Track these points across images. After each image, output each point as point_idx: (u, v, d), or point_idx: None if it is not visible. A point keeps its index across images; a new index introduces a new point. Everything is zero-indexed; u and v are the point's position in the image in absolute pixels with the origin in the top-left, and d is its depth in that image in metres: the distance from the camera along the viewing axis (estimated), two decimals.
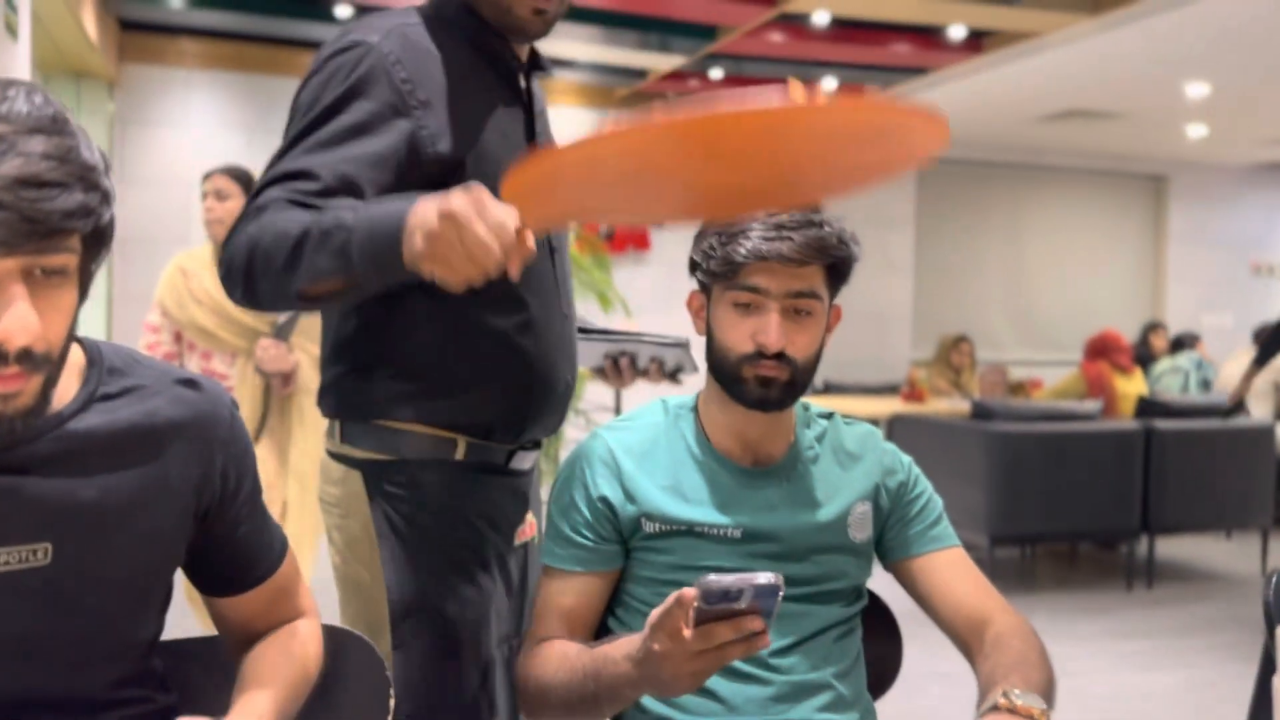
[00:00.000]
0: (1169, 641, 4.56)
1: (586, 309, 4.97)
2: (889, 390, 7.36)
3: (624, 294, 5.42)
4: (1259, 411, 6.77)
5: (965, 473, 5.20)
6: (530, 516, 1.66)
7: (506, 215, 1.16)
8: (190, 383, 1.18)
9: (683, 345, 1.80)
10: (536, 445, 1.67)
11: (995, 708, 1.26)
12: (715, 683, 1.45)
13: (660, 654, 1.19)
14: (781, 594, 1.16)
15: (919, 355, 8.44)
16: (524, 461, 1.62)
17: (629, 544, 1.50)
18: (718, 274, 1.45)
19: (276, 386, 3.36)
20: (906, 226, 8.95)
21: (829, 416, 1.63)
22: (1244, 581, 5.65)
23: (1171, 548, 6.26)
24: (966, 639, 1.48)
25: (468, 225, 1.14)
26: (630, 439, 1.54)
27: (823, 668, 1.48)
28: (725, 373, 1.47)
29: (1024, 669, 1.34)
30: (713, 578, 1.11)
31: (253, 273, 1.31)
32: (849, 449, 1.59)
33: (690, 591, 1.13)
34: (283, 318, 3.34)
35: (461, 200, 1.15)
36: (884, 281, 8.80)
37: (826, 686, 1.48)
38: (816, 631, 1.50)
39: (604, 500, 1.49)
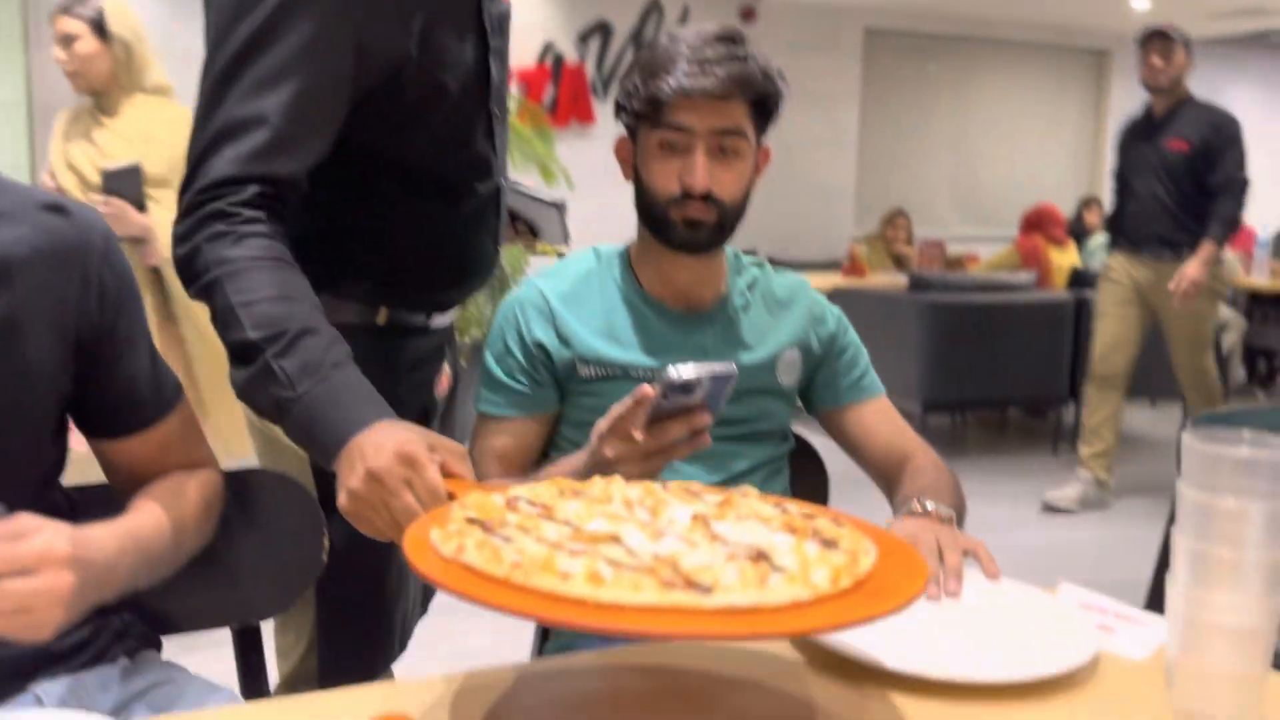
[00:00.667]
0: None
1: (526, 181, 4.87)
2: (831, 266, 7.40)
3: (567, 167, 5.32)
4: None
5: (901, 343, 5.31)
6: (446, 368, 1.66)
7: (439, 483, 1.10)
8: (57, 208, 1.13)
9: (558, 206, 1.79)
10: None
11: (910, 513, 1.37)
12: None
13: (611, 460, 1.21)
14: (733, 384, 1.21)
15: (862, 231, 8.47)
16: (443, 320, 1.62)
17: (564, 388, 1.52)
18: (642, 114, 1.44)
19: (140, 256, 2.84)
20: (850, 102, 8.86)
21: (760, 265, 1.65)
22: (1164, 445, 5.88)
23: None
24: (889, 477, 1.59)
25: (396, 494, 1.08)
26: (563, 285, 1.54)
27: None
28: (653, 216, 1.48)
29: (936, 490, 1.44)
30: (674, 370, 1.14)
31: (211, 312, 1.22)
32: (779, 297, 1.62)
33: (649, 389, 1.16)
34: (112, 165, 2.83)
35: (390, 462, 1.07)
36: (827, 157, 8.75)
37: None
38: (745, 470, 1.55)
39: (539, 345, 1.50)
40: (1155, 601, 2.34)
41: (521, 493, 1.00)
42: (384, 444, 1.08)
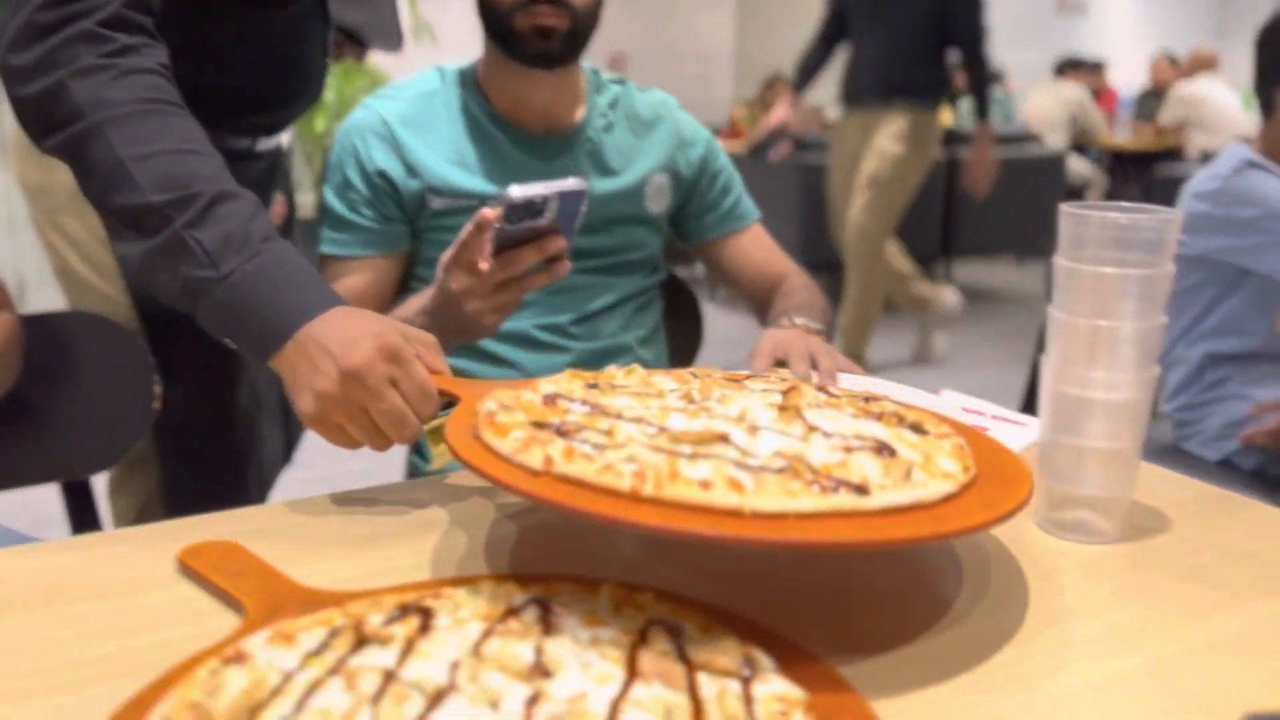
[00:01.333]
0: (965, 350, 4.90)
1: None
2: (712, 131, 7.30)
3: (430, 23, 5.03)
4: (1053, 142, 7.09)
5: (779, 205, 5.29)
6: (280, 195, 1.53)
7: (428, 380, 0.94)
8: None
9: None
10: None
11: (779, 327, 1.34)
12: (512, 353, 1.41)
13: (459, 293, 1.11)
14: (585, 204, 1.10)
15: (742, 95, 8.36)
16: (270, 143, 1.47)
17: (415, 224, 1.40)
18: None
19: None
20: None
21: (621, 82, 1.54)
22: (1032, 301, 6.07)
23: (967, 272, 6.64)
24: (762, 301, 1.55)
25: (380, 396, 0.91)
26: (404, 109, 1.40)
27: (622, 334, 1.47)
28: (498, 25, 1.35)
29: (808, 308, 1.42)
30: (515, 188, 1.01)
31: (79, 168, 0.99)
32: (643, 117, 1.52)
33: (490, 212, 1.03)
34: None
35: (372, 358, 0.90)
36: (706, 20, 8.55)
37: (626, 350, 1.47)
38: (616, 302, 1.47)
39: (382, 175, 1.37)
40: (1028, 408, 2.40)
41: (548, 388, 0.88)
42: (356, 338, 0.91)
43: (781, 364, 1.29)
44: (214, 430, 1.45)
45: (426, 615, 0.68)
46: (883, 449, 0.75)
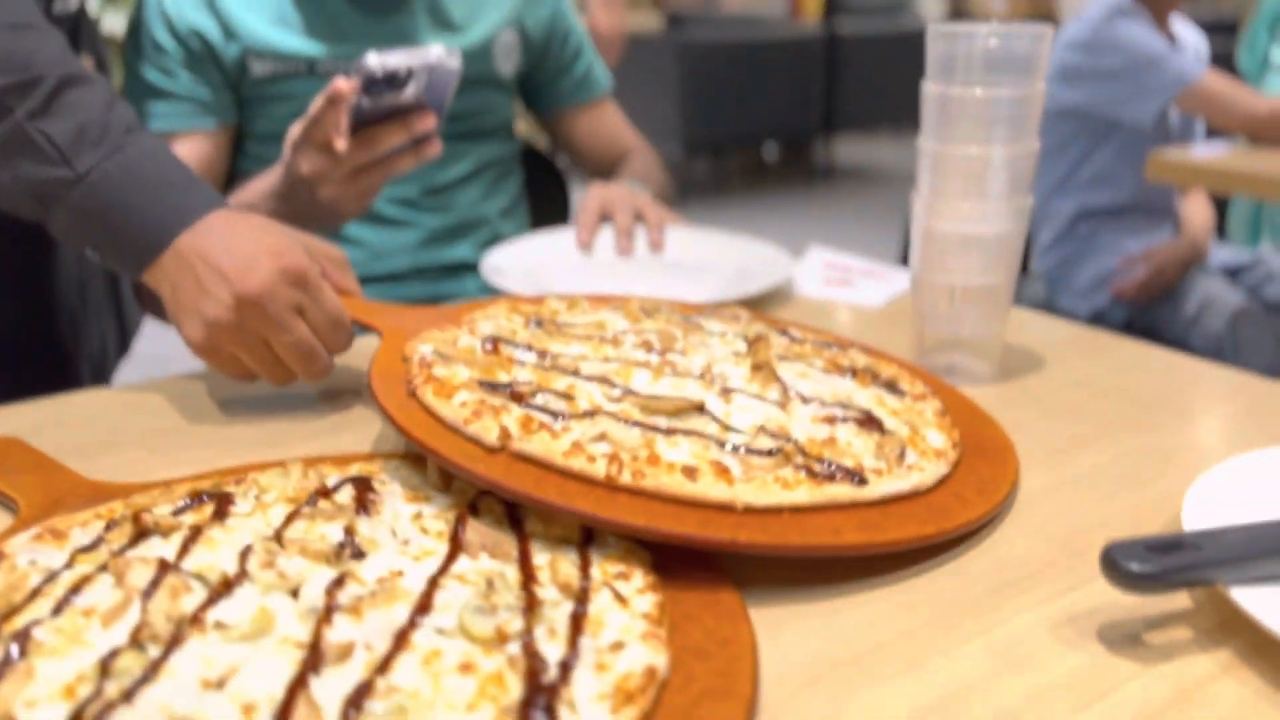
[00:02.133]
0: (846, 227, 4.91)
1: None
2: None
3: None
4: (930, 12, 7.05)
5: (659, 86, 5.15)
6: (88, 58, 1.36)
7: (339, 308, 0.80)
8: None
9: None
10: None
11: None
12: (357, 230, 1.30)
13: (311, 177, 0.98)
14: (458, 79, 0.99)
15: None
16: (68, 4, 1.30)
17: (239, 92, 1.26)
18: None
19: None
20: None
21: None
22: (910, 175, 6.12)
23: (849, 151, 6.64)
24: (605, 175, 1.49)
25: (285, 327, 0.77)
26: None
27: (479, 206, 1.38)
28: None
29: (646, 178, 1.39)
30: (374, 57, 0.89)
31: None
32: None
33: (345, 84, 0.91)
34: None
35: (274, 282, 0.76)
36: None
37: (484, 223, 1.38)
38: (470, 172, 1.37)
39: (197, 35, 1.22)
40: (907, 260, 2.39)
41: (486, 326, 0.77)
42: (253, 256, 0.77)
43: (607, 218, 1.24)
44: (33, 329, 1.31)
45: (223, 502, 0.60)
46: (869, 422, 0.68)
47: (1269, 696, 0.47)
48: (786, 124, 5.62)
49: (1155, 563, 0.49)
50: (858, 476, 0.61)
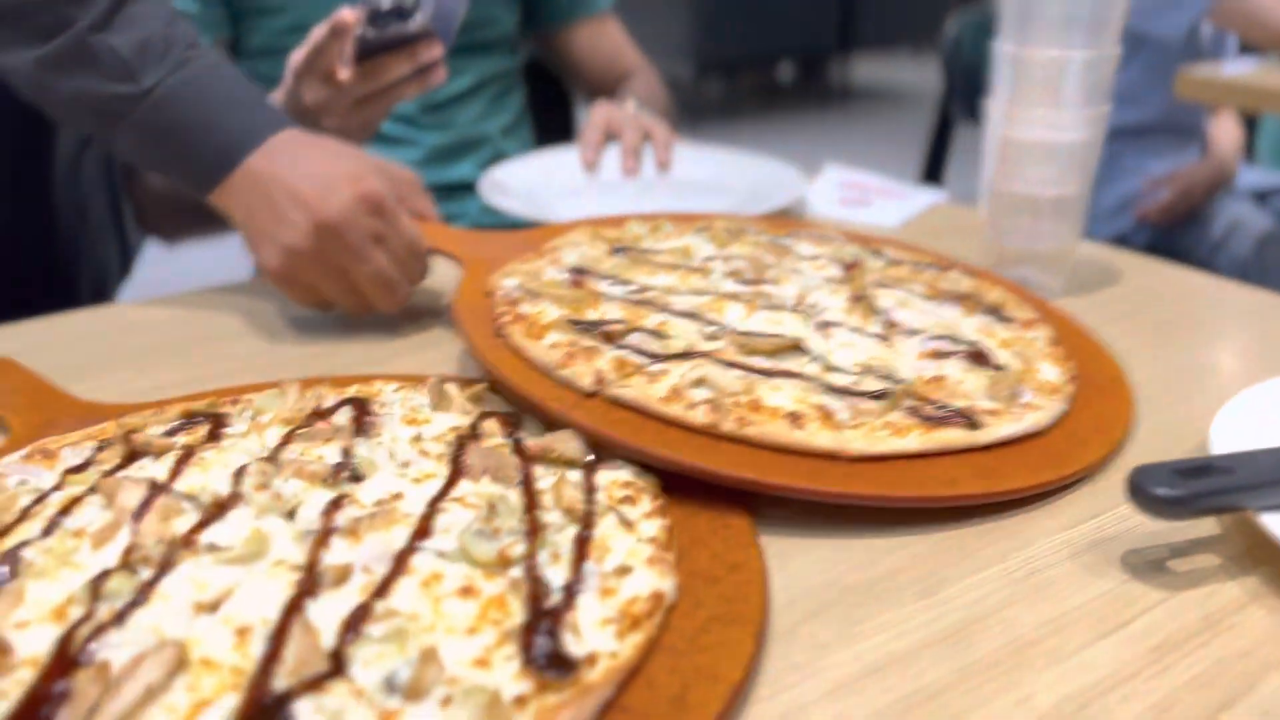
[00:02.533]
0: (863, 149, 4.83)
1: None
2: None
3: None
4: None
5: (669, 3, 5.02)
6: None
7: (418, 236, 0.77)
8: None
9: None
10: None
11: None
12: None
13: (314, 107, 0.94)
14: (465, 7, 0.95)
15: None
16: None
17: (231, 6, 1.22)
18: None
19: None
20: None
21: None
22: (927, 96, 5.98)
23: (866, 71, 6.50)
24: (606, 96, 1.43)
25: (363, 257, 0.74)
26: None
27: (480, 124, 1.34)
28: None
29: (646, 100, 1.33)
30: None
31: None
32: None
33: (349, 14, 0.87)
34: None
35: (353, 210, 0.73)
36: None
37: (486, 141, 1.34)
38: (470, 87, 1.33)
39: None
40: (929, 180, 2.35)
41: (570, 256, 0.74)
42: (331, 182, 0.75)
43: (613, 137, 1.20)
44: (33, 250, 1.29)
45: (217, 423, 0.58)
46: (978, 357, 0.64)
47: None
48: (802, 42, 5.49)
49: (1183, 487, 0.47)
50: (971, 420, 0.58)
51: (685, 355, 0.61)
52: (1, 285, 1.29)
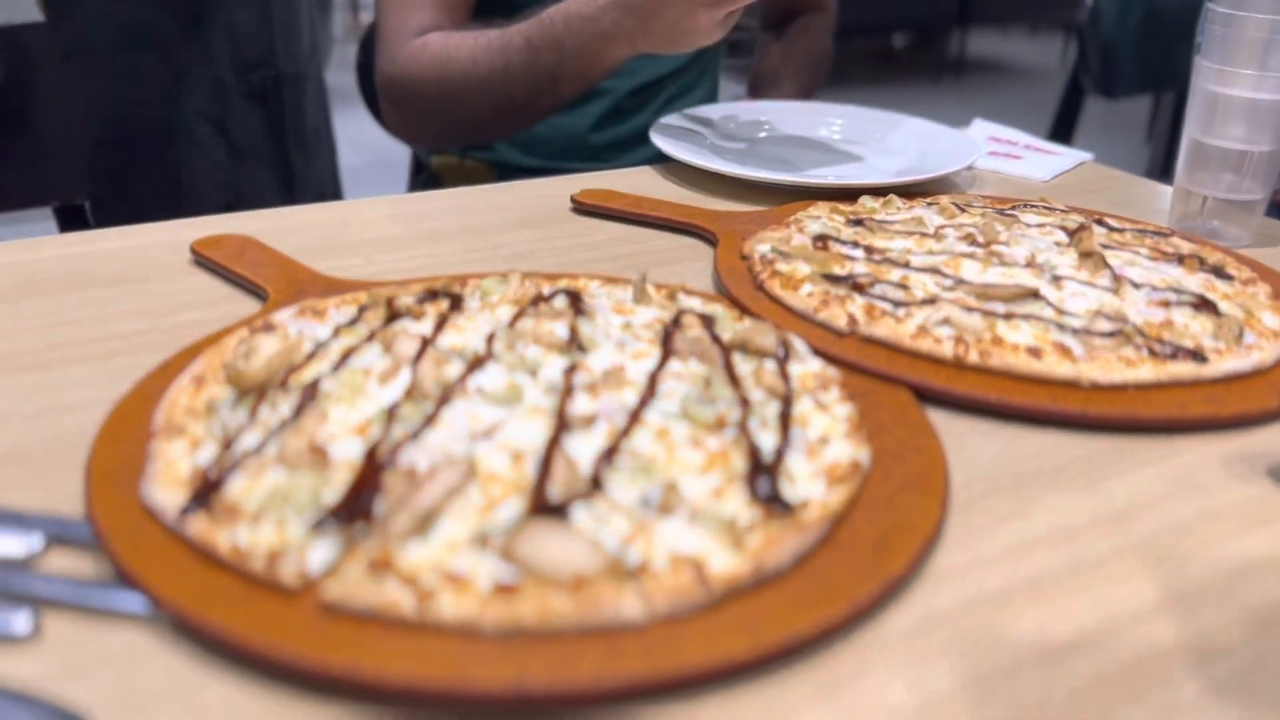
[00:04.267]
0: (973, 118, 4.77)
1: None
2: None
3: None
4: None
5: None
6: None
7: None
8: None
9: None
10: None
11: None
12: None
13: None
14: None
15: None
16: None
17: None
18: None
19: None
20: None
21: None
22: (1043, 74, 5.87)
23: (981, 45, 6.39)
24: (775, 21, 1.47)
25: None
26: None
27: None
28: None
29: (811, 52, 1.40)
30: None
31: None
32: None
33: None
34: None
35: None
36: None
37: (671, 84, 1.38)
38: None
39: None
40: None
41: (814, 226, 0.83)
42: None
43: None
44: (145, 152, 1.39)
45: (455, 300, 0.67)
46: (1203, 305, 0.70)
47: None
48: (919, 12, 5.42)
49: None
50: (1199, 356, 0.63)
51: (928, 302, 0.69)
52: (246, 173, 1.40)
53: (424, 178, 1.43)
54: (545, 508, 0.46)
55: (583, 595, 0.41)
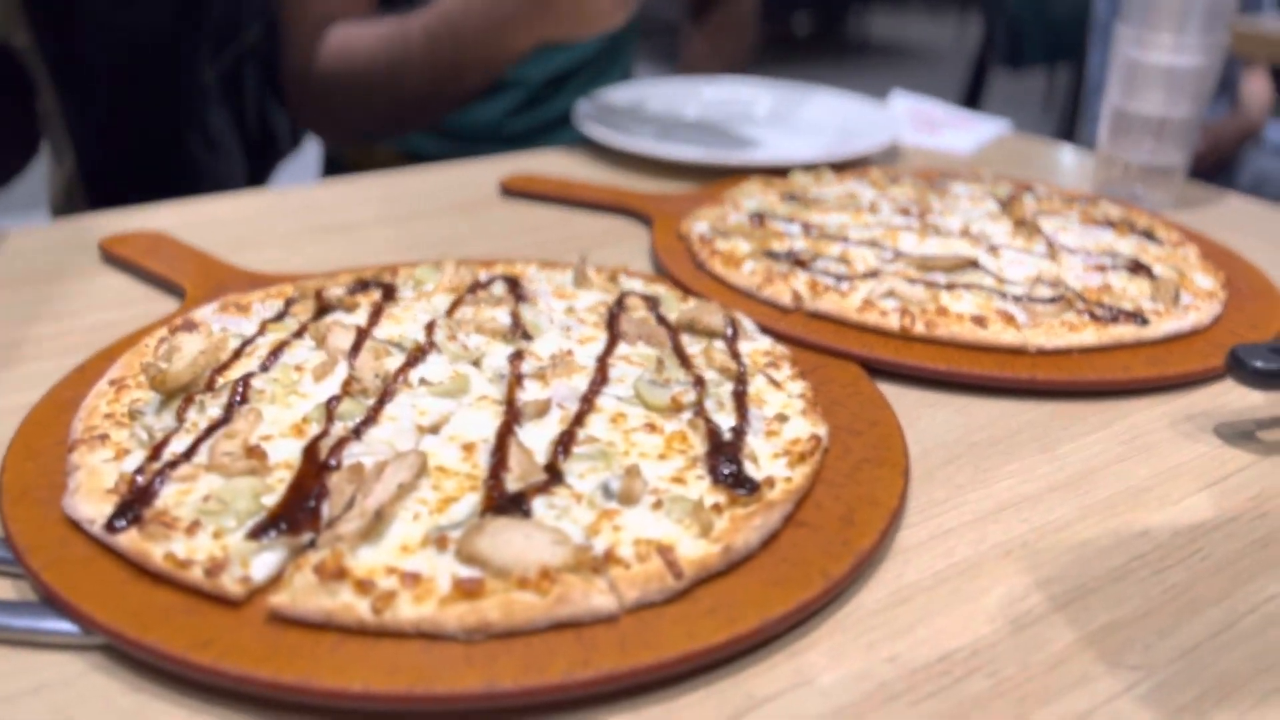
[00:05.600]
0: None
1: None
2: None
3: None
4: None
5: None
6: None
7: None
8: None
9: None
10: None
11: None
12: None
13: None
14: None
15: None
16: None
17: None
18: None
19: None
20: None
21: None
22: (943, 52, 5.98)
23: (880, 25, 6.49)
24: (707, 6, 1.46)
25: None
26: None
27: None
28: None
29: (737, 28, 1.42)
30: None
31: None
32: None
33: None
34: None
35: None
36: None
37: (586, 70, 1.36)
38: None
39: None
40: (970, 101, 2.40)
41: (749, 203, 0.83)
42: None
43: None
44: (161, 172, 1.33)
45: (388, 290, 0.64)
46: (1138, 268, 0.71)
47: None
48: None
49: (1277, 362, 0.53)
50: (1139, 318, 0.64)
51: (870, 275, 0.68)
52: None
53: (334, 168, 1.39)
54: (503, 500, 0.44)
55: (549, 589, 0.39)
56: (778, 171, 0.93)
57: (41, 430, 0.50)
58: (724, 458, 0.48)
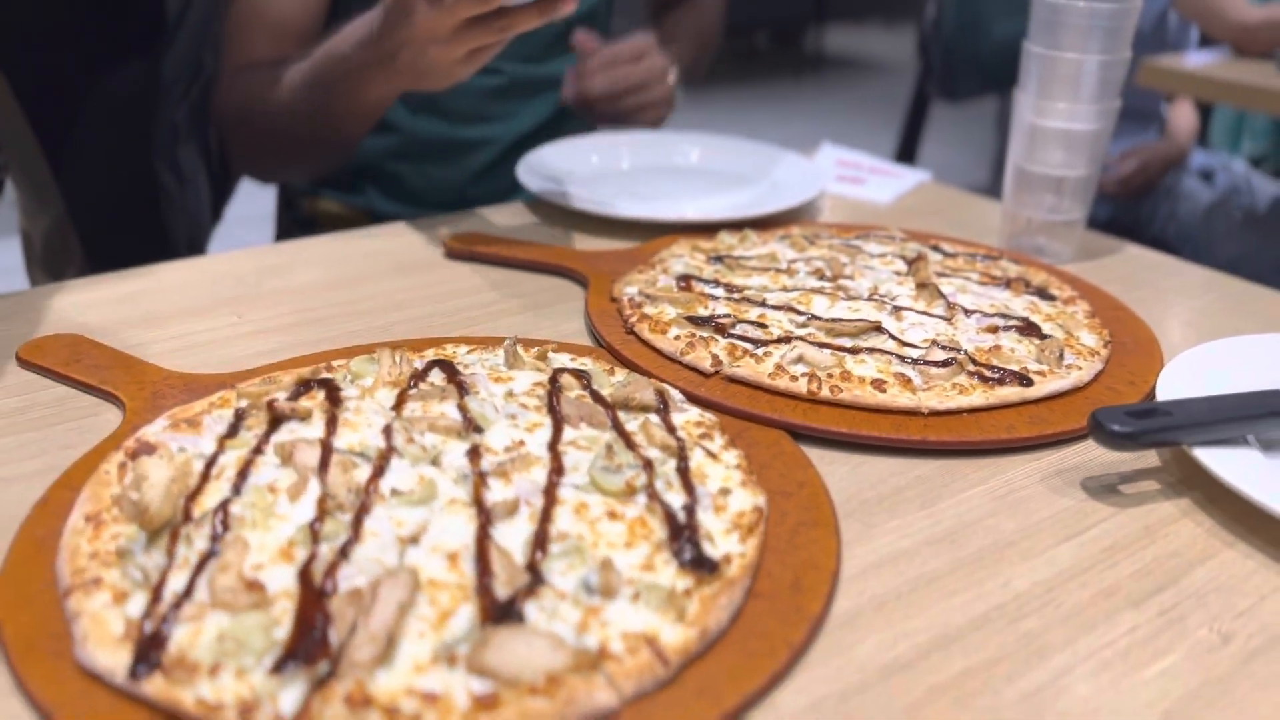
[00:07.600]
0: (837, 118, 4.97)
1: None
2: None
3: None
4: None
5: None
6: None
7: None
8: None
9: None
10: None
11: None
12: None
13: (419, 30, 0.87)
14: None
15: None
16: None
17: None
18: None
19: None
20: None
21: None
22: (899, 67, 6.14)
23: (837, 40, 6.64)
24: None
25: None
26: None
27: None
28: None
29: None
30: None
31: None
32: None
33: None
34: None
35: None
36: None
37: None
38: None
39: None
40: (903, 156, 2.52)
41: (677, 266, 0.88)
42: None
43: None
44: (135, 209, 1.31)
45: (330, 388, 0.67)
46: (1028, 328, 0.78)
47: (1218, 534, 0.60)
48: (778, 11, 5.58)
49: (1134, 425, 0.61)
50: (1024, 379, 0.72)
51: (784, 340, 0.75)
52: (106, 240, 1.32)
53: (292, 216, 1.39)
54: (497, 610, 0.48)
55: (557, 693, 0.44)
56: (707, 228, 1.00)
57: (27, 574, 0.52)
58: (684, 540, 0.54)
